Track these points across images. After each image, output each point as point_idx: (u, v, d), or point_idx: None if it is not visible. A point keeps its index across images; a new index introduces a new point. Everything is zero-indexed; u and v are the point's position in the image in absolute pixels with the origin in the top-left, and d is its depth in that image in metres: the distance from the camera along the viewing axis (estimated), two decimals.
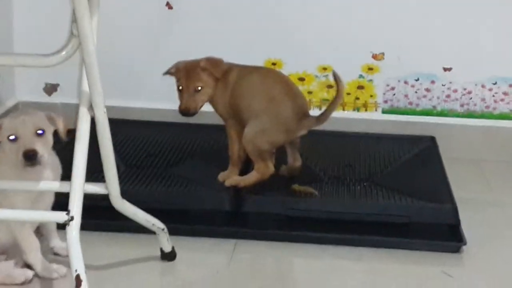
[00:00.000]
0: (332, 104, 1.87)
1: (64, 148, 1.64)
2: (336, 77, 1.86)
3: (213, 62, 1.97)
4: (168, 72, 2.03)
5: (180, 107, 1.94)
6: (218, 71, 1.97)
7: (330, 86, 2.49)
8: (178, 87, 1.96)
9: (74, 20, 1.42)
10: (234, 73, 2.01)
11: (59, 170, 1.72)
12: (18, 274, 1.68)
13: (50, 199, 1.69)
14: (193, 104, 1.94)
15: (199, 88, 1.95)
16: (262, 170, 1.89)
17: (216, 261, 1.81)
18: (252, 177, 1.90)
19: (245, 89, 2.00)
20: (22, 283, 1.67)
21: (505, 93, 2.47)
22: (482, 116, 2.51)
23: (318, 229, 1.91)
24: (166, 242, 1.76)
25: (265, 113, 1.91)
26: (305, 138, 2.17)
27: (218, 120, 2.25)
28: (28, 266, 1.71)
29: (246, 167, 2.04)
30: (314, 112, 2.36)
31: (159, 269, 1.75)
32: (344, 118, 2.53)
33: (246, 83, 1.98)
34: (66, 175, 1.64)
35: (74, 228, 1.47)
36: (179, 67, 1.96)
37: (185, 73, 1.96)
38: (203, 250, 1.85)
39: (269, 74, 2.08)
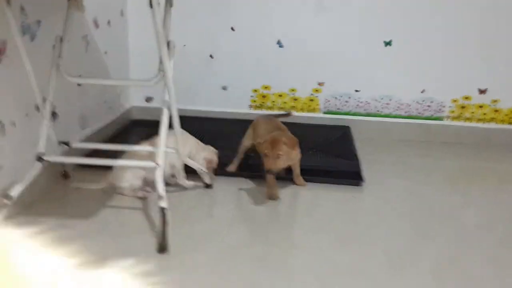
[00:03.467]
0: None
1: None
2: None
3: (292, 141, 1.79)
4: (258, 143, 1.85)
5: (265, 167, 1.75)
6: (294, 147, 1.80)
7: (295, 99, 2.70)
8: (264, 153, 1.75)
9: (161, 61, 1.50)
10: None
11: None
12: (141, 192, 1.79)
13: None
14: (274, 166, 1.73)
15: (280, 154, 1.74)
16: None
17: (230, 189, 1.93)
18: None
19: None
20: (142, 197, 1.79)
21: (387, 103, 2.68)
22: (374, 115, 2.72)
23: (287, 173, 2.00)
24: (208, 178, 1.90)
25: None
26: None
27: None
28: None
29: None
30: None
31: (204, 191, 1.89)
32: (303, 116, 2.71)
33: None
34: None
35: (159, 171, 1.53)
36: (267, 140, 1.76)
37: (271, 144, 1.74)
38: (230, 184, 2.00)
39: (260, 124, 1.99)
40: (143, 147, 1.73)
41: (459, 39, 2.50)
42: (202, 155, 1.85)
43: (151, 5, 1.36)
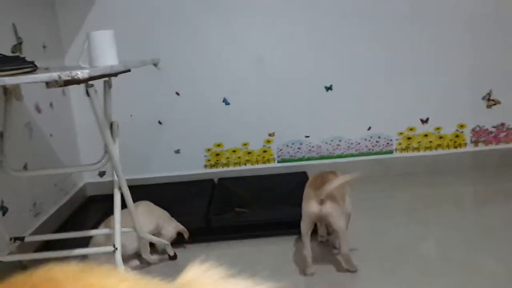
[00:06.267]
0: None
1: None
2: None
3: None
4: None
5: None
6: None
7: (249, 153, 2.75)
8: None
9: (106, 144, 1.53)
10: None
11: None
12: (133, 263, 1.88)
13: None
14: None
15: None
16: None
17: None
18: None
19: None
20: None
21: (338, 144, 2.74)
22: (327, 158, 2.79)
23: (259, 229, 1.99)
24: (170, 250, 1.90)
25: None
26: (240, 184, 2.39)
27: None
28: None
29: None
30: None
31: (169, 264, 1.91)
32: (259, 168, 2.75)
33: None
34: None
35: (118, 254, 1.53)
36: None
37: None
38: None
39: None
40: (100, 231, 1.69)
41: (394, 74, 2.63)
42: (172, 225, 1.86)
43: (88, 94, 1.37)
